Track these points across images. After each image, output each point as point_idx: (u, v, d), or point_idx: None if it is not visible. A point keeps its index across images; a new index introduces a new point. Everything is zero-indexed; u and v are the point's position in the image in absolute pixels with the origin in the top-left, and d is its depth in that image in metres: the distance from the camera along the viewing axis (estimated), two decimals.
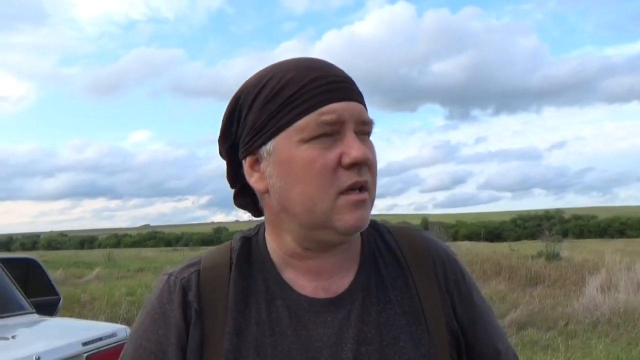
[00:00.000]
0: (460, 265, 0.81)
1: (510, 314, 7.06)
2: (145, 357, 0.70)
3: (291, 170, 0.67)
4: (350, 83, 0.71)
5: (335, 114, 0.66)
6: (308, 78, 0.67)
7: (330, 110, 0.66)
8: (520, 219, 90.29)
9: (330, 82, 0.68)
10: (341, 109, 0.67)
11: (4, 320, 3.09)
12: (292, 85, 0.67)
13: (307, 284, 0.73)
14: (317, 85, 0.67)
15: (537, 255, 13.09)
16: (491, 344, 0.78)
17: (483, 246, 22.95)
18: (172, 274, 0.75)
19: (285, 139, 0.67)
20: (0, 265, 3.45)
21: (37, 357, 2.48)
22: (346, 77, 0.70)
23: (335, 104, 0.67)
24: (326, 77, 0.68)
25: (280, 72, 0.69)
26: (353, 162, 0.65)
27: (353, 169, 0.66)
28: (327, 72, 0.69)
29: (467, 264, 6.11)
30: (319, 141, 0.66)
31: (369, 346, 0.69)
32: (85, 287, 11.02)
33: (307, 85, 0.67)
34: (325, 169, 0.66)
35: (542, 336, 6.10)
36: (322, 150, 0.66)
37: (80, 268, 17.15)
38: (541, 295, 8.80)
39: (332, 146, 0.66)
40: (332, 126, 0.66)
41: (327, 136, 0.66)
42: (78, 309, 8.09)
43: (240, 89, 0.73)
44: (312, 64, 0.70)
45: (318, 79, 0.67)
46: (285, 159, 0.67)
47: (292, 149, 0.67)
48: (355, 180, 0.66)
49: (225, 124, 0.74)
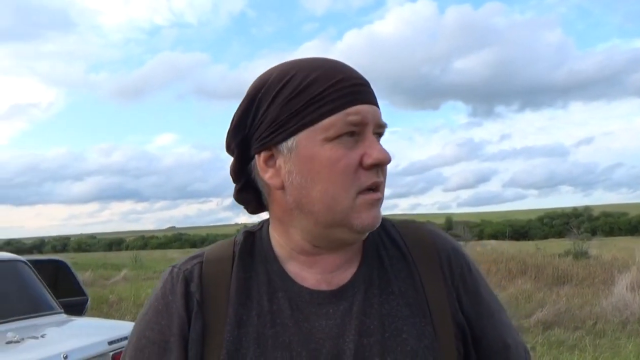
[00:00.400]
0: (466, 258, 0.80)
1: (537, 314, 6.93)
2: (148, 347, 0.71)
3: (313, 168, 0.67)
4: (370, 87, 0.72)
5: (361, 115, 0.68)
6: (335, 79, 0.68)
7: (356, 111, 0.67)
8: (547, 217, 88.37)
9: (354, 84, 0.69)
10: (365, 111, 0.68)
11: (34, 320, 3.20)
12: (318, 84, 0.68)
13: (310, 276, 0.73)
14: (343, 86, 0.68)
15: (565, 254, 12.82)
16: (500, 338, 0.77)
17: (509, 245, 22.57)
18: (176, 265, 0.76)
19: (308, 136, 0.67)
20: (31, 267, 3.56)
21: (65, 355, 2.56)
22: (366, 81, 0.72)
23: (360, 105, 0.68)
24: (351, 79, 0.69)
25: (304, 70, 0.69)
26: (375, 163, 0.67)
27: (373, 170, 0.68)
28: (351, 74, 0.71)
29: (492, 263, 6.04)
30: (341, 141, 0.67)
31: (370, 338, 0.69)
32: (113, 288, 11.27)
33: (334, 85, 0.68)
34: (348, 168, 0.67)
35: (569, 336, 5.96)
36: (345, 150, 0.67)
37: (109, 270, 17.53)
38: (568, 295, 8.60)
39: (354, 147, 0.68)
40: (357, 127, 0.68)
41: (349, 136, 0.67)
42: (106, 309, 8.29)
43: (259, 83, 0.72)
44: (335, 65, 0.71)
45: (344, 80, 0.69)
46: (308, 157, 0.67)
47: (316, 147, 0.67)
48: (374, 181, 0.68)
49: (239, 117, 0.73)
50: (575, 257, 12.08)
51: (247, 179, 0.76)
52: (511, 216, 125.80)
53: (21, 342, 2.73)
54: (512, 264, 11.04)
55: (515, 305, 7.94)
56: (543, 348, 5.32)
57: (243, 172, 0.76)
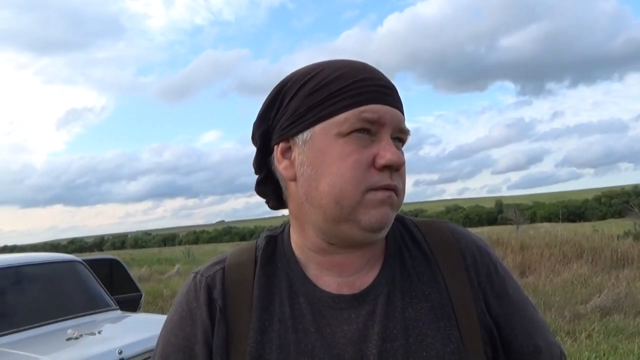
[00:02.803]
0: (492, 257, 0.77)
1: (594, 299, 6.63)
2: (174, 354, 0.72)
3: (324, 160, 0.68)
4: (396, 92, 0.72)
5: (377, 114, 0.67)
6: (358, 77, 0.69)
7: (372, 109, 0.67)
8: (605, 196, 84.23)
9: (377, 84, 0.69)
10: (384, 111, 0.68)
11: (91, 317, 3.37)
12: (340, 81, 0.68)
13: (331, 280, 0.72)
14: (364, 85, 0.68)
15: (624, 235, 12.17)
16: (531, 341, 0.74)
17: (563, 227, 21.69)
18: (199, 272, 0.77)
19: (323, 129, 0.68)
20: (87, 267, 3.76)
21: (120, 350, 2.69)
22: (393, 85, 0.72)
23: (379, 105, 0.68)
24: (374, 80, 0.69)
25: (331, 67, 0.71)
26: (387, 164, 0.66)
27: (385, 172, 0.67)
28: (376, 76, 0.70)
29: (545, 247, 5.80)
30: (355, 137, 0.67)
31: (394, 342, 0.67)
32: (167, 283, 11.71)
33: (356, 83, 0.68)
34: (359, 164, 0.66)
35: (629, 323, 5.67)
36: (358, 147, 0.67)
37: (163, 265, 18.23)
38: (629, 278, 8.17)
39: (368, 145, 0.67)
40: (372, 125, 0.67)
41: (364, 134, 0.67)
42: (161, 303, 8.63)
43: (287, 77, 0.74)
44: (363, 66, 0.72)
45: (367, 80, 0.69)
46: (321, 149, 0.68)
47: (329, 140, 0.68)
48: (387, 183, 0.67)
49: (265, 108, 0.74)
50: (636, 238, 11.44)
51: (268, 171, 0.77)
52: (565, 197, 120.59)
53: (80, 338, 2.89)
54: (566, 248, 10.59)
55: (570, 290, 7.64)
56: (600, 336, 5.09)
57: (265, 163, 0.77)
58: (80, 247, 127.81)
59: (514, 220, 26.98)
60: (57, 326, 3.11)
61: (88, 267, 3.75)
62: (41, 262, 3.55)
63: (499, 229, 24.79)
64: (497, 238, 11.96)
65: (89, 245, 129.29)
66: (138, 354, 2.81)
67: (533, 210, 73.00)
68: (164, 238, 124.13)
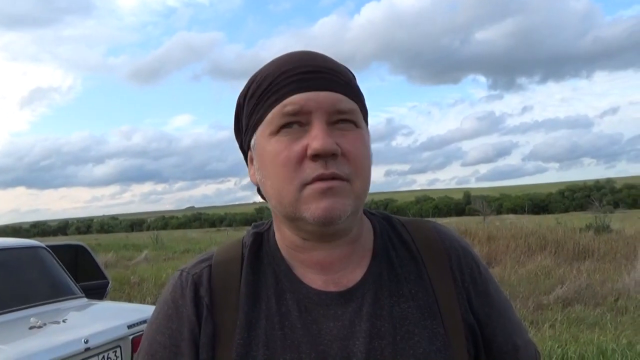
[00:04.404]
0: (476, 259, 0.79)
1: (556, 290, 6.86)
2: (160, 351, 0.72)
3: (264, 163, 0.69)
4: (327, 73, 0.68)
5: (298, 105, 0.66)
6: (279, 71, 0.68)
7: (293, 101, 0.66)
8: (568, 190, 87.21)
9: (299, 73, 0.67)
10: (305, 99, 0.66)
11: (55, 305, 3.27)
12: (267, 80, 0.69)
13: (317, 277, 0.73)
14: (284, 78, 0.67)
15: (586, 228, 12.61)
16: (510, 340, 0.76)
17: (528, 219, 22.32)
18: (185, 269, 0.77)
19: (260, 133, 0.69)
20: (51, 252, 3.63)
21: (86, 340, 2.61)
22: (322, 67, 0.68)
23: (300, 94, 0.66)
24: (296, 69, 0.67)
25: (262, 70, 0.71)
26: (314, 153, 0.64)
27: (319, 161, 0.64)
28: (299, 64, 0.68)
29: (510, 239, 5.97)
30: (285, 133, 0.66)
31: (382, 340, 0.68)
32: (135, 269, 11.51)
33: (277, 78, 0.68)
34: (288, 160, 0.65)
35: (589, 313, 5.89)
36: (287, 143, 0.66)
37: (130, 250, 17.90)
38: (589, 270, 8.49)
39: (300, 138, 0.66)
40: (297, 116, 0.66)
41: (294, 127, 0.66)
42: (128, 290, 8.48)
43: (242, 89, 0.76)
44: (289, 57, 0.70)
45: (287, 72, 0.67)
46: (261, 152, 0.69)
47: (265, 142, 0.68)
48: (320, 173, 0.64)
49: (234, 123, 0.77)
50: (597, 232, 11.88)
51: None
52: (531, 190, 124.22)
53: (43, 327, 2.79)
54: (531, 239, 10.91)
55: (534, 281, 7.88)
56: (563, 326, 5.27)
57: None
58: (43, 230, 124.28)
59: (481, 211, 27.61)
60: (19, 314, 3.00)
61: (52, 253, 3.63)
62: (2, 247, 3.40)
63: (467, 220, 25.31)
64: (465, 229, 12.22)
65: (53, 229, 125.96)
66: (105, 342, 2.75)
67: (500, 202, 74.99)
68: (132, 223, 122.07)
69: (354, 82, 0.73)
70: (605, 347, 4.08)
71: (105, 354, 2.76)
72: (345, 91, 0.69)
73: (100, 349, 2.72)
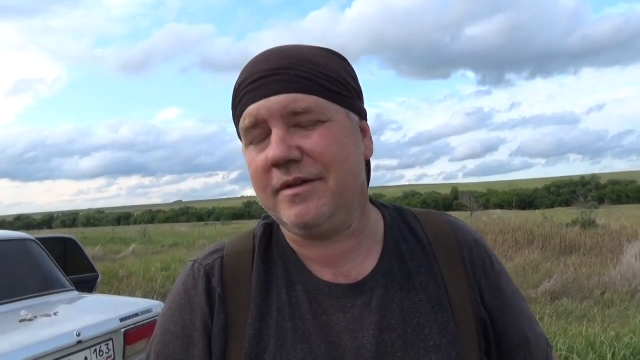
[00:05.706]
0: (488, 251, 0.79)
1: (544, 284, 6.95)
2: (173, 341, 0.72)
3: (249, 170, 0.70)
4: (279, 74, 0.64)
5: (252, 117, 0.65)
6: (239, 82, 0.68)
7: (249, 113, 0.65)
8: (555, 186, 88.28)
9: (252, 81, 0.66)
10: (257, 109, 0.64)
11: (46, 298, 3.22)
12: (235, 92, 0.69)
13: (326, 270, 0.72)
14: (242, 89, 0.67)
15: (572, 223, 12.79)
16: (521, 333, 0.76)
17: (515, 214, 22.55)
18: (197, 260, 0.77)
19: (243, 142, 0.71)
20: (41, 245, 3.58)
21: (78, 333, 2.58)
22: (273, 69, 0.64)
23: (252, 105, 0.65)
24: (250, 77, 0.66)
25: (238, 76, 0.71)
26: (270, 163, 0.64)
27: (282, 169, 0.64)
28: (254, 70, 0.66)
29: (498, 233, 6.00)
30: (255, 143, 0.67)
31: (392, 333, 0.68)
32: (123, 263, 11.41)
33: (237, 90, 0.68)
34: (256, 171, 0.66)
35: (577, 306, 5.98)
36: (255, 154, 0.67)
37: (118, 244, 17.76)
38: (576, 264, 8.61)
39: (265, 147, 0.66)
40: (257, 128, 0.65)
41: (260, 137, 0.66)
42: (116, 284, 8.40)
43: None
44: (251, 63, 0.68)
45: (244, 82, 0.67)
46: (245, 161, 0.71)
47: (244, 152, 0.70)
48: (284, 180, 0.64)
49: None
50: (583, 227, 12.04)
51: None
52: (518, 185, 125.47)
53: (34, 320, 2.75)
54: (519, 234, 11.03)
55: (522, 275, 7.97)
56: (551, 319, 5.33)
57: None
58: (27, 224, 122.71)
59: (468, 206, 27.89)
60: (9, 307, 2.95)
61: (42, 246, 3.57)
62: None
63: (455, 215, 25.47)
64: None
65: (38, 222, 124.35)
66: (97, 335, 2.72)
67: (487, 197, 75.66)
68: (118, 217, 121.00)
69: (324, 70, 0.66)
70: (594, 339, 4.14)
71: (98, 347, 2.74)
72: (303, 88, 0.64)
73: (92, 342, 2.69)
